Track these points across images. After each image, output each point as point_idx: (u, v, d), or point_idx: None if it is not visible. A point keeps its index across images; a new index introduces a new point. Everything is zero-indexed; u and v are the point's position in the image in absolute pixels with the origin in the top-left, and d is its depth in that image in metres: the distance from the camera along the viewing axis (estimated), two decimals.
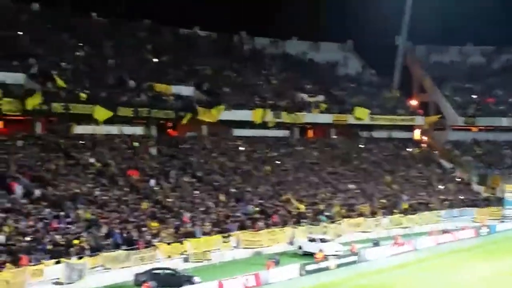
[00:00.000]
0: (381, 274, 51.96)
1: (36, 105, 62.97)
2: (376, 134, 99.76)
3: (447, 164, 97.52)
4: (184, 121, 76.80)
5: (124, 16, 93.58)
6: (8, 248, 43.89)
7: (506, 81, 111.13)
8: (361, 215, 72.12)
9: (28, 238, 45.80)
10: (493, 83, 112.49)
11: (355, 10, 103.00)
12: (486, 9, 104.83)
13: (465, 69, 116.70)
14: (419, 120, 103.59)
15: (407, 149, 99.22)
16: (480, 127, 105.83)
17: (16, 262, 42.46)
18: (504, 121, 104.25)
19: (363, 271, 53.21)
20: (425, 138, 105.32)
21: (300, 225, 64.23)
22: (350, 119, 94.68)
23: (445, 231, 70.81)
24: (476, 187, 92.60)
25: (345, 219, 69.23)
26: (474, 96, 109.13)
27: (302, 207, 68.29)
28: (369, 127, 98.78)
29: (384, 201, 77.70)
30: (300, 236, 61.85)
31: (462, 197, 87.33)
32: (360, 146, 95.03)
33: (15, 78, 65.75)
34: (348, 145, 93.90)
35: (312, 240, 59.76)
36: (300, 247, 59.55)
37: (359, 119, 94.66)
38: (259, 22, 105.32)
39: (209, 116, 77.94)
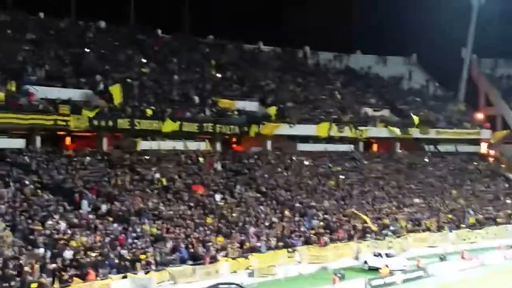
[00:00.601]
0: None
1: (92, 115, 63.97)
2: (442, 148, 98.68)
3: None
4: (251, 133, 76.96)
5: (188, 32, 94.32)
6: (75, 263, 44.43)
7: None
8: (427, 229, 71.39)
9: (95, 253, 46.20)
10: None
11: (420, 24, 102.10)
12: None
13: None
14: (486, 133, 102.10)
15: (474, 163, 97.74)
16: None
17: (83, 277, 42.93)
18: None
19: (429, 287, 52.76)
20: (491, 152, 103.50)
21: (365, 240, 63.86)
22: (415, 133, 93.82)
23: None
24: None
25: (410, 234, 68.65)
26: None
27: (369, 220, 67.82)
28: (435, 141, 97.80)
29: (450, 215, 76.68)
30: (365, 251, 61.53)
31: None
32: (425, 160, 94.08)
33: (82, 95, 66.68)
34: (413, 159, 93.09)
35: (377, 255, 59.39)
36: (365, 262, 59.18)
37: (415, 124, 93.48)
38: (323, 36, 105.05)
39: (273, 130, 78.02)
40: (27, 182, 53.33)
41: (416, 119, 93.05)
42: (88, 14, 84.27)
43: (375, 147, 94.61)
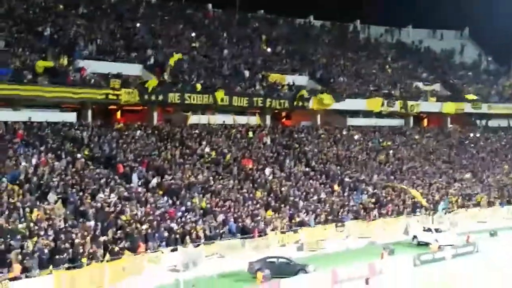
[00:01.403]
0: (499, 264, 50.95)
1: (153, 87, 64.65)
2: (493, 123, 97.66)
3: None
4: (302, 108, 77.12)
5: (239, 7, 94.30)
6: (126, 235, 44.94)
7: None
8: (477, 205, 70.99)
9: (145, 226, 46.72)
10: None
11: None
12: None
13: None
14: None
15: None
16: None
17: (133, 249, 43.50)
18: None
19: (480, 262, 52.44)
20: None
21: (415, 215, 63.72)
22: (466, 108, 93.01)
23: None
24: None
25: (461, 209, 68.36)
26: None
27: (419, 196, 67.54)
28: (486, 116, 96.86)
29: (502, 191, 76.12)
30: (415, 226, 61.38)
31: None
32: (477, 135, 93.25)
33: (133, 69, 67.15)
34: (464, 134, 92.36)
35: (427, 230, 59.33)
36: (414, 237, 59.11)
37: (468, 100, 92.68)
38: (374, 10, 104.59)
39: (323, 104, 77.92)
40: (78, 156, 53.87)
41: (470, 95, 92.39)
42: None
43: (425, 121, 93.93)
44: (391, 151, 79.28)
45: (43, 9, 71.72)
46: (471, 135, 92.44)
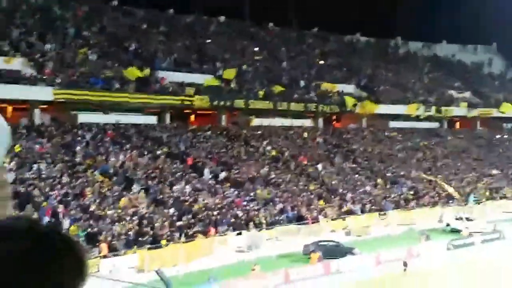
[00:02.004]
0: None
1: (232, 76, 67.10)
2: None
3: None
4: (350, 112, 76.88)
5: (296, 25, 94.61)
6: (198, 221, 45.35)
7: None
8: (504, 197, 69.97)
9: (215, 213, 47.06)
10: None
11: (499, 14, 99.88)
12: None
13: None
14: None
15: None
16: None
17: (205, 233, 43.88)
18: None
19: (505, 247, 51.71)
20: None
21: (448, 206, 63.12)
22: (494, 113, 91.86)
23: None
24: None
25: (489, 201, 67.49)
26: None
27: (451, 189, 66.93)
28: (510, 121, 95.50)
29: None
30: (448, 215, 60.81)
31: None
32: (504, 136, 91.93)
33: (205, 79, 67.57)
34: (492, 135, 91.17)
35: (459, 218, 58.74)
36: (448, 225, 58.45)
37: (503, 112, 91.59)
38: (412, 27, 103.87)
39: (368, 109, 77.64)
40: (158, 153, 54.55)
41: (507, 105, 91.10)
42: (210, 11, 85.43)
43: (458, 124, 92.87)
44: (427, 150, 78.55)
45: (130, 28, 72.71)
46: (498, 136, 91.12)
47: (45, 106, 54.76)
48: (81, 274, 0.88)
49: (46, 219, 38.10)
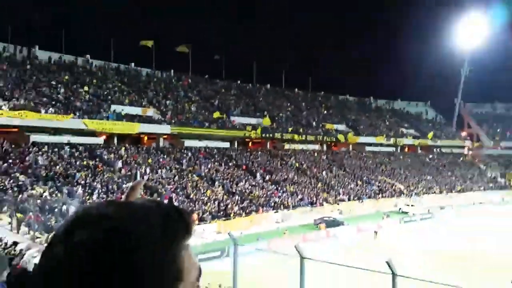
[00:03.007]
0: (444, 222, 49.38)
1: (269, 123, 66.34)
2: (445, 150, 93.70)
3: (482, 167, 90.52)
4: (341, 142, 76.29)
5: (311, 89, 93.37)
6: (253, 204, 45.46)
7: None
8: (434, 193, 68.68)
9: (262, 200, 47.19)
10: (509, 124, 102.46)
11: (432, 83, 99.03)
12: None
13: (494, 116, 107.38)
14: (467, 143, 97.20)
15: (460, 159, 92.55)
16: (501, 147, 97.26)
17: (257, 211, 44.03)
18: None
19: (434, 222, 51.03)
20: (470, 152, 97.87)
21: (400, 198, 62.28)
22: (428, 142, 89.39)
23: (481, 203, 66.22)
24: (499, 179, 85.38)
25: (424, 195, 66.44)
26: (498, 130, 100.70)
27: (402, 187, 65.96)
28: (440, 147, 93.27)
29: (446, 186, 73.65)
30: (400, 203, 60.05)
31: (492, 184, 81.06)
32: (434, 156, 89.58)
33: (256, 121, 67.54)
34: (427, 156, 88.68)
35: (407, 205, 58.12)
36: (400, 209, 57.72)
37: (430, 139, 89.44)
38: (380, 89, 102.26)
39: (352, 140, 77.19)
40: (230, 164, 54.81)
41: (431, 135, 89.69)
42: (262, 80, 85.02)
43: (406, 149, 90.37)
44: (388, 164, 77.40)
45: (214, 91, 72.50)
46: (430, 156, 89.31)
47: (166, 136, 55.32)
48: (189, 232, 0.87)
49: (165, 201, 38.68)
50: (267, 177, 54.64)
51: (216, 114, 61.37)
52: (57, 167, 38.66)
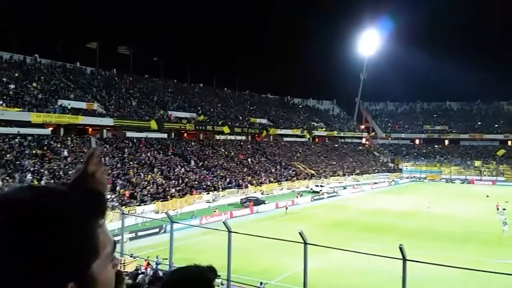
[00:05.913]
0: (349, 200, 51.53)
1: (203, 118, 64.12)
2: (348, 140, 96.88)
3: (376, 154, 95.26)
4: (263, 134, 77.05)
5: (238, 89, 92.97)
6: (187, 186, 44.68)
7: (407, 118, 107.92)
8: (338, 175, 70.96)
9: (195, 183, 46.33)
10: (397, 119, 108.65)
11: (337, 82, 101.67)
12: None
13: (386, 112, 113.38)
14: (365, 134, 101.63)
15: (360, 147, 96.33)
16: (391, 138, 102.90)
17: (191, 193, 43.19)
18: (403, 135, 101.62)
19: (338, 199, 53.06)
20: (367, 142, 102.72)
21: (311, 180, 63.91)
22: (335, 134, 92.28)
23: (375, 183, 69.71)
24: (390, 164, 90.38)
25: (331, 177, 68.69)
26: (389, 124, 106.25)
27: (313, 171, 67.67)
28: (344, 138, 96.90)
29: (351, 170, 76.28)
30: (311, 183, 61.64)
31: (384, 168, 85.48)
32: (337, 146, 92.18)
33: (191, 115, 66.44)
34: (333, 145, 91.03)
35: (317, 185, 59.74)
36: (311, 189, 59.36)
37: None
38: (297, 90, 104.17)
39: (272, 132, 78.13)
40: (168, 152, 53.38)
41: (337, 130, 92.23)
42: (196, 79, 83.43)
43: (317, 139, 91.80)
44: (301, 152, 78.68)
45: (153, 88, 70.31)
46: (336, 145, 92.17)
47: (109, 128, 53.32)
48: (103, 212, 0.83)
49: (108, 186, 37.24)
50: (200, 164, 54.13)
51: (154, 111, 59.70)
52: (8, 155, 36.58)
